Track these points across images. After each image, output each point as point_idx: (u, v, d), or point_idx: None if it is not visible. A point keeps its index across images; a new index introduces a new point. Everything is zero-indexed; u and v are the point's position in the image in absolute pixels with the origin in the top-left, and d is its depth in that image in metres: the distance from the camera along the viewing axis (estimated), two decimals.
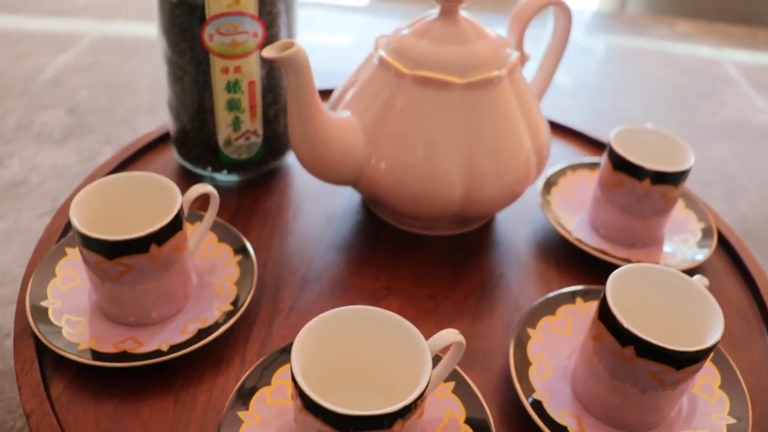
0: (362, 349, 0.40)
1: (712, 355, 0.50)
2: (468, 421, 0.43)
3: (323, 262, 0.57)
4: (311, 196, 0.65)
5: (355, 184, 0.56)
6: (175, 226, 0.46)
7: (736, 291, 0.59)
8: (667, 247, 0.62)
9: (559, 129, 0.80)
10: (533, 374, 0.47)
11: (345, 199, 0.65)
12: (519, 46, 0.59)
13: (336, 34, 1.14)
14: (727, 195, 0.81)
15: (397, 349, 0.39)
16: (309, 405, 0.34)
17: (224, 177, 0.65)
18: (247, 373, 0.44)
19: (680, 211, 0.66)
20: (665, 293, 0.46)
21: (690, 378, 0.42)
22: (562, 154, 0.75)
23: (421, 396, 0.35)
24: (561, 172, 0.68)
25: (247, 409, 0.42)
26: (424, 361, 0.36)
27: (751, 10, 1.37)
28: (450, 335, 0.39)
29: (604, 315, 0.43)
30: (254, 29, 0.55)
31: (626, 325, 0.41)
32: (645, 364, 0.41)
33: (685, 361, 0.40)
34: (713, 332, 0.42)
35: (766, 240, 0.74)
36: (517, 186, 0.56)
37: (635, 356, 0.41)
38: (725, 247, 0.64)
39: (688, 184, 0.77)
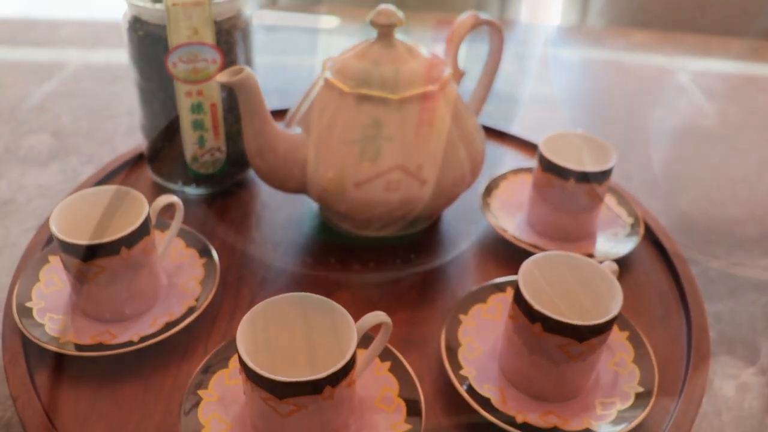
0: (301, 330, 0.46)
1: (627, 334, 0.56)
2: (401, 395, 0.48)
3: (281, 264, 0.63)
4: (273, 205, 0.71)
5: (306, 191, 0.62)
6: (142, 231, 0.51)
7: (659, 276, 0.65)
8: (598, 240, 0.68)
9: (507, 137, 0.86)
10: (462, 354, 0.53)
11: (304, 206, 0.71)
12: (454, 64, 0.66)
13: (307, 54, 1.20)
14: (669, 193, 0.87)
15: (330, 329, 0.44)
16: (250, 375, 0.40)
17: (193, 190, 0.71)
18: (207, 358, 0.50)
19: (613, 208, 0.72)
20: (575, 277, 0.52)
21: (596, 350, 0.48)
22: (508, 160, 0.81)
23: (348, 365, 0.41)
24: (503, 176, 0.75)
25: (206, 388, 0.48)
26: (352, 338, 0.42)
27: (706, 19, 1.44)
28: (376, 316, 0.44)
29: (518, 297, 0.49)
30: (213, 57, 0.62)
31: (534, 305, 0.47)
32: (551, 338, 0.47)
33: (585, 333, 0.46)
34: (612, 310, 0.48)
35: (701, 233, 0.80)
36: (453, 188, 0.62)
37: (543, 331, 0.47)
38: (653, 238, 0.70)
39: (633, 182, 0.84)
